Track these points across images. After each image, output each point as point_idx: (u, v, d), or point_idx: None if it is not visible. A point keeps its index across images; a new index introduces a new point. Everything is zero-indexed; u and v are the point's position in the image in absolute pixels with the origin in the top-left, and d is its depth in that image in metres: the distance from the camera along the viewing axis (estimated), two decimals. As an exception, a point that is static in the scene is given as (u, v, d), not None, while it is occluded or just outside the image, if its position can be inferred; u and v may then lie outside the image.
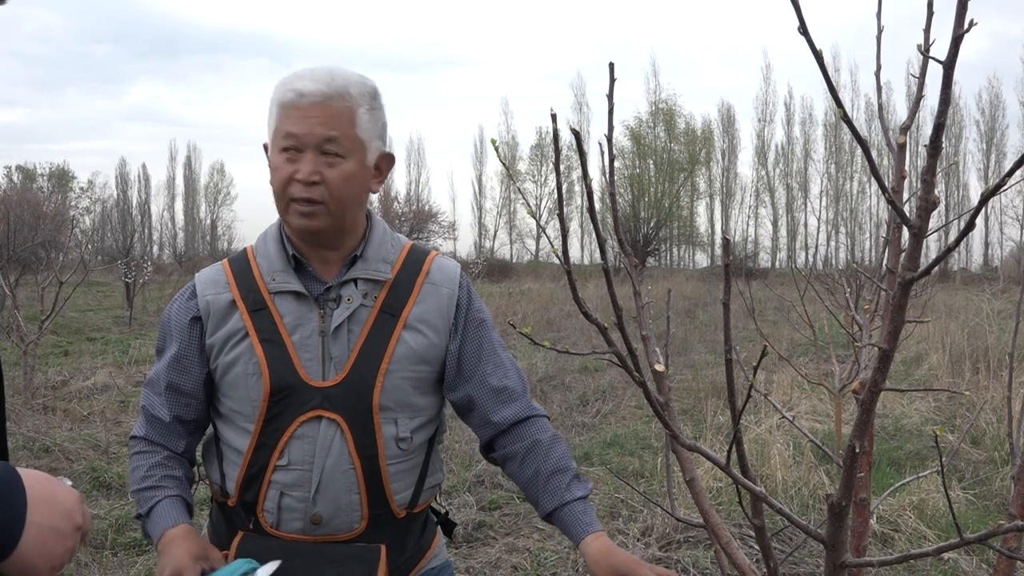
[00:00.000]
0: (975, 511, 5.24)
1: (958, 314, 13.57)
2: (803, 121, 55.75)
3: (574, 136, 1.10)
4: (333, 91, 1.62)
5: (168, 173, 65.48)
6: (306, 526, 1.63)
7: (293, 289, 1.67)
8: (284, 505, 1.63)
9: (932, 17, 1.62)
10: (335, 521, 1.63)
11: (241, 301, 1.68)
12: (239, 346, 1.66)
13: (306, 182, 1.61)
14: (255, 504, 1.66)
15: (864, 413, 1.14)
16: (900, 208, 1.04)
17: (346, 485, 1.63)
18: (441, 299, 1.74)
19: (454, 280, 1.77)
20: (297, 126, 1.61)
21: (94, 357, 11.83)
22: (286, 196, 1.64)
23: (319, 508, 1.62)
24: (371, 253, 1.72)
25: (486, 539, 4.94)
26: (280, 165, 1.63)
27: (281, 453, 1.63)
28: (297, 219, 1.64)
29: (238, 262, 1.76)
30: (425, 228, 41.88)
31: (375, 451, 1.64)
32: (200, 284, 1.75)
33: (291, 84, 1.63)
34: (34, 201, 30.86)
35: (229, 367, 1.67)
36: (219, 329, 1.69)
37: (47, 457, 6.43)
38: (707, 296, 22.73)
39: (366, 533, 1.65)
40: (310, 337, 1.65)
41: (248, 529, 1.67)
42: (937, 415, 7.94)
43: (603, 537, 1.64)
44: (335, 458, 1.62)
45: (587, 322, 1.94)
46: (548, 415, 1.84)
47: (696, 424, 7.55)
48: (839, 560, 1.22)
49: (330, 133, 1.61)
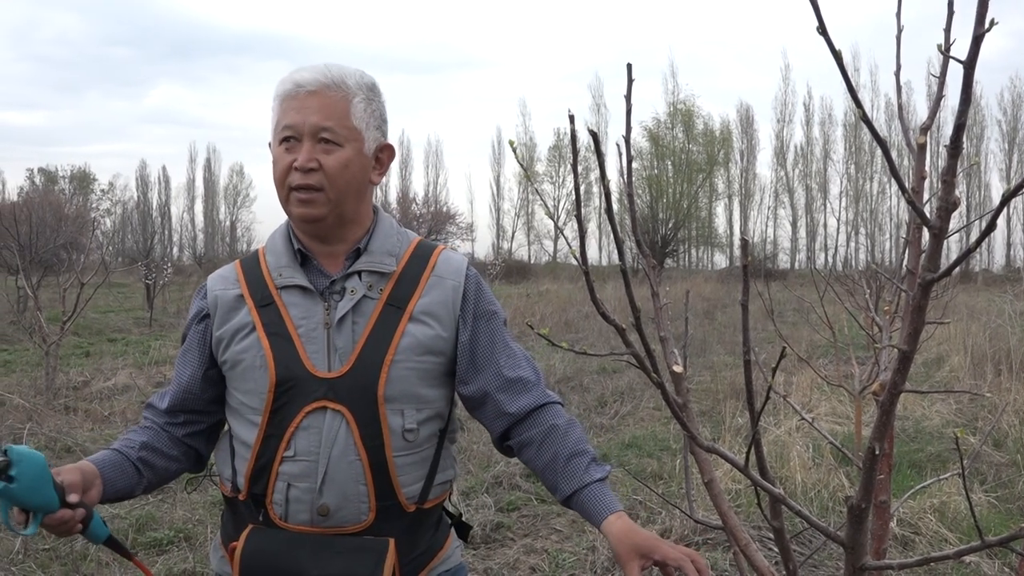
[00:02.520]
0: (997, 514, 5.20)
1: (980, 315, 13.46)
2: (822, 121, 55.42)
3: (592, 137, 1.10)
4: (329, 80, 1.67)
5: (188, 175, 65.80)
6: (313, 517, 1.64)
7: (298, 283, 1.71)
8: (291, 496, 1.64)
9: (952, 16, 1.60)
10: (342, 512, 1.64)
11: (249, 296, 1.72)
12: (246, 339, 1.69)
13: (303, 168, 1.65)
14: (264, 496, 1.67)
15: (884, 415, 1.13)
16: (920, 209, 1.03)
17: (352, 476, 1.63)
18: (447, 291, 1.75)
19: (460, 272, 1.79)
20: (293, 116, 1.66)
21: (115, 358, 11.93)
22: (286, 185, 1.68)
23: (326, 499, 1.63)
24: (376, 246, 1.74)
25: (504, 540, 4.94)
26: (279, 156, 1.68)
27: (288, 444, 1.64)
28: (297, 207, 1.68)
29: (249, 260, 1.80)
30: (443, 229, 41.98)
31: (381, 441, 1.65)
32: (211, 281, 1.81)
33: (290, 75, 1.69)
34: (56, 203, 31.19)
35: (238, 360, 1.70)
36: (226, 323, 1.72)
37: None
38: (725, 297, 22.66)
39: (374, 526, 1.66)
40: (315, 330, 1.67)
41: (257, 522, 1.68)
42: (958, 417, 7.87)
43: (624, 517, 1.63)
44: (341, 448, 1.63)
45: (605, 323, 1.94)
46: (563, 402, 1.84)
47: (715, 426, 7.53)
48: (859, 563, 1.21)
49: (326, 122, 1.66)
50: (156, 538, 4.82)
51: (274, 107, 1.71)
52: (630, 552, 1.56)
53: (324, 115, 1.66)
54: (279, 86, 1.70)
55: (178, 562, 4.49)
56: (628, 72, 1.39)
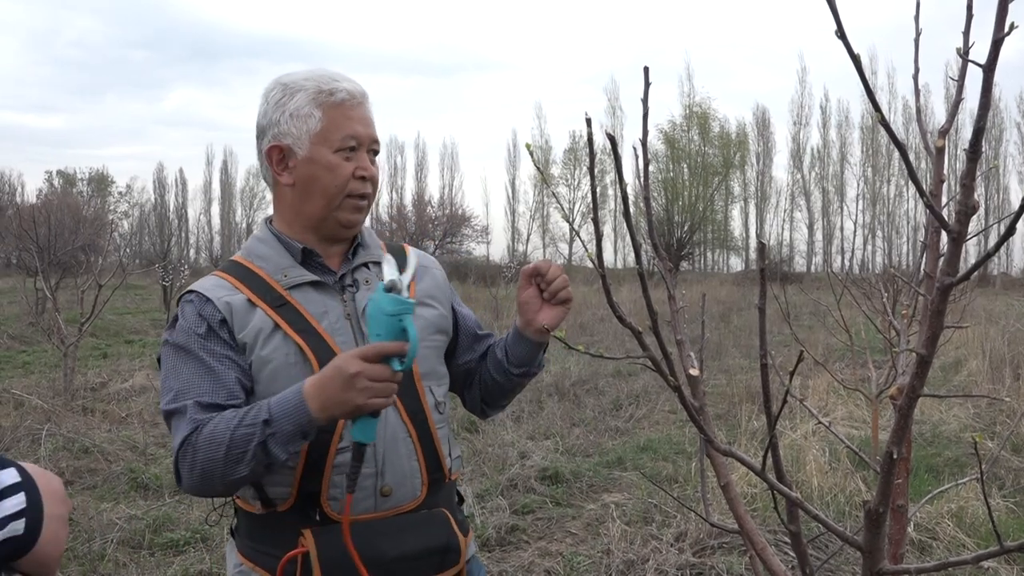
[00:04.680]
0: (1015, 519, 5.16)
1: (998, 319, 13.38)
2: (839, 124, 55.11)
3: (610, 141, 1.10)
4: (363, 91, 1.78)
5: (205, 177, 65.84)
6: (377, 501, 1.66)
7: (311, 280, 1.73)
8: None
9: (971, 20, 1.60)
10: (401, 491, 1.69)
11: (259, 299, 1.68)
12: (272, 340, 1.65)
13: (369, 178, 1.76)
14: (319, 494, 1.64)
15: (902, 419, 1.13)
16: (939, 213, 1.03)
17: (406, 453, 1.70)
18: (436, 277, 1.92)
19: (436, 263, 1.98)
20: (359, 127, 1.74)
21: (132, 359, 12.01)
22: (344, 192, 1.73)
23: (387, 480, 1.67)
24: (369, 241, 1.86)
25: (519, 543, 4.94)
26: (339, 163, 1.72)
27: (340, 436, 1.64)
28: (351, 213, 1.76)
29: (235, 269, 1.75)
30: (459, 232, 41.96)
31: (424, 416, 1.73)
32: (207, 291, 1.69)
33: (332, 85, 1.73)
34: (74, 205, 31.42)
35: (266, 362, 1.65)
36: (246, 326, 1.66)
37: (86, 458, 6.53)
38: (741, 300, 22.57)
39: (427, 500, 1.73)
40: (338, 322, 1.71)
41: (314, 523, 1.63)
42: (976, 422, 7.82)
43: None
44: (392, 428, 1.69)
45: (619, 326, 1.95)
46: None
47: (730, 429, 7.50)
48: (876, 567, 1.21)
49: (377, 135, 1.78)
50: (172, 539, 4.84)
51: (314, 113, 1.71)
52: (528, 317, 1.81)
53: (374, 127, 1.78)
54: (320, 92, 1.72)
55: (194, 563, 4.51)
56: (645, 75, 1.39)
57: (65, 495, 1.03)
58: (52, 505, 0.98)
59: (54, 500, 0.99)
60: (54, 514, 0.98)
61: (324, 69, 1.76)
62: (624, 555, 4.50)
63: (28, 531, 0.92)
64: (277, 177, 1.76)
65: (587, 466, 6.42)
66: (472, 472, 6.28)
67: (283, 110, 1.72)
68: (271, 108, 1.74)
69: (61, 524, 1.00)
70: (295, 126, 1.71)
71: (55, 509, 0.99)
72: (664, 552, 4.52)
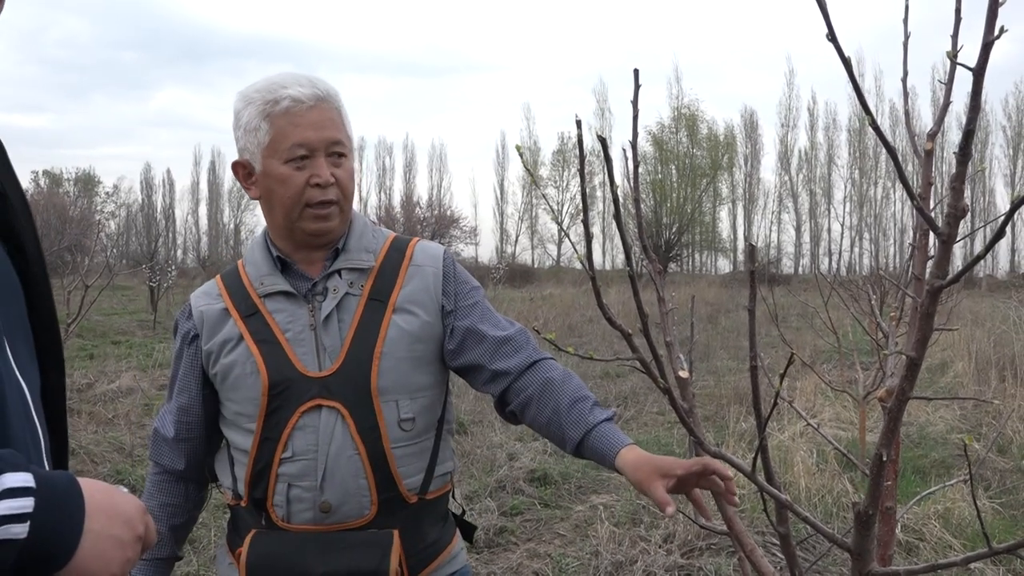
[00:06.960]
0: (1002, 521, 5.18)
1: (984, 321, 13.44)
2: (827, 127, 55.42)
3: (601, 143, 1.10)
4: (322, 92, 1.68)
5: (192, 178, 66.08)
6: (316, 516, 1.64)
7: (281, 289, 1.72)
8: (293, 496, 1.65)
9: (960, 23, 1.60)
10: (344, 508, 1.64)
11: (234, 309, 1.73)
12: (235, 351, 1.70)
13: (326, 184, 1.66)
14: (264, 500, 1.68)
15: (891, 421, 1.13)
16: (928, 215, 1.03)
17: (352, 471, 1.64)
18: (427, 278, 1.77)
19: (437, 259, 1.81)
20: (308, 133, 1.64)
21: (119, 360, 11.94)
22: (301, 203, 1.67)
23: (327, 496, 1.64)
24: (353, 244, 1.76)
25: (507, 545, 4.94)
26: (290, 175, 1.66)
27: (285, 445, 1.65)
28: (314, 223, 1.69)
29: (230, 275, 1.81)
30: (447, 233, 42.00)
31: (378, 434, 1.65)
32: (194, 299, 1.82)
33: (277, 93, 1.65)
34: (60, 205, 31.27)
35: (228, 372, 1.71)
36: (214, 336, 1.74)
37: (72, 460, 6.47)
38: (729, 302, 22.62)
39: (377, 519, 1.66)
40: (302, 332, 1.69)
41: (260, 526, 1.69)
42: (963, 423, 7.85)
43: (637, 448, 1.58)
44: (339, 444, 1.64)
45: (608, 327, 1.94)
46: (555, 358, 1.83)
47: (719, 430, 7.51)
48: (865, 569, 1.21)
49: (337, 135, 1.68)
50: (159, 541, 4.81)
51: (262, 126, 1.66)
52: (650, 474, 1.49)
53: (334, 128, 1.67)
54: (266, 103, 1.65)
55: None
56: (635, 78, 1.39)
57: (132, 517, 0.98)
58: (98, 521, 0.93)
59: (104, 517, 0.94)
60: (100, 532, 0.93)
61: (281, 75, 1.69)
62: (612, 556, 4.50)
63: (40, 541, 0.89)
64: (246, 191, 1.76)
65: (575, 468, 6.42)
66: (460, 474, 6.27)
67: (239, 125, 1.70)
68: (233, 123, 1.72)
69: (113, 544, 0.94)
70: (249, 141, 1.69)
71: (104, 527, 0.93)
72: (652, 553, 4.53)
